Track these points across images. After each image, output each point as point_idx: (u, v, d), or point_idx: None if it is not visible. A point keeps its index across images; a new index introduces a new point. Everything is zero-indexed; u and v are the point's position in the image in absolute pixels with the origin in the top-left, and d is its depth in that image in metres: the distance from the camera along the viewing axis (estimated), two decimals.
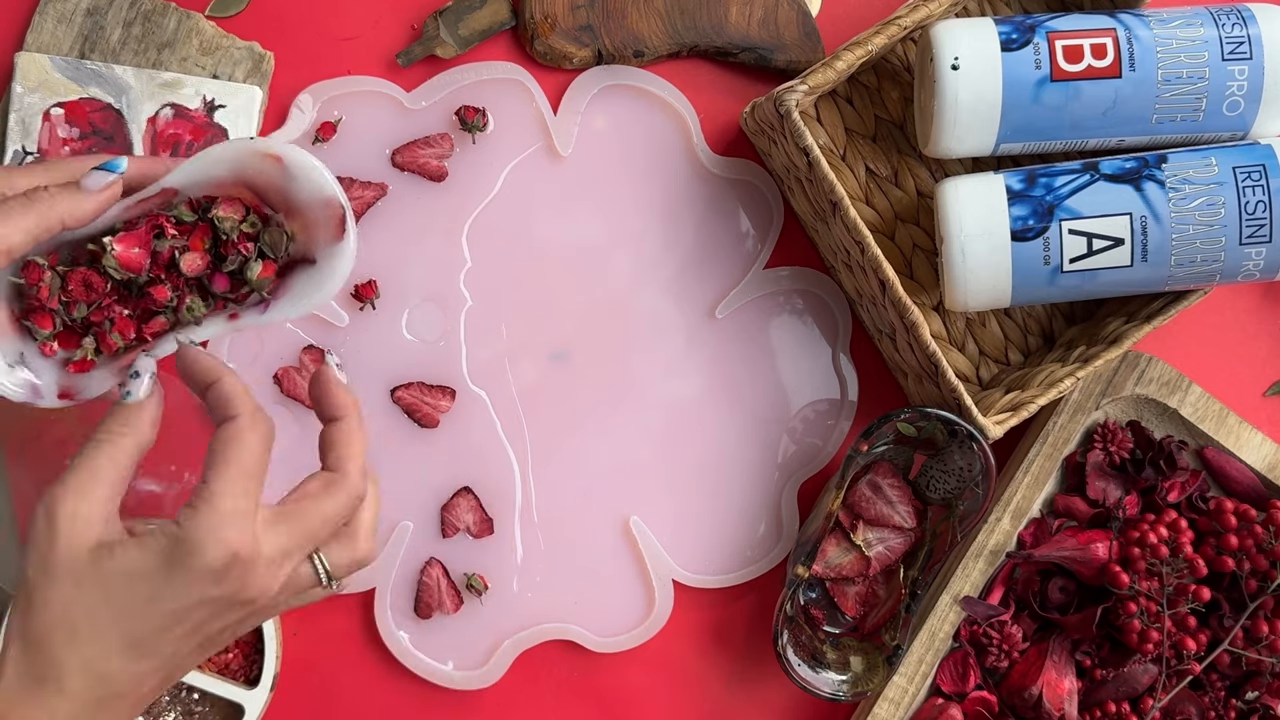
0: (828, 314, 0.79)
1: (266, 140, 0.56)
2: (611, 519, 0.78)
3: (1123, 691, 0.75)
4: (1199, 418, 0.77)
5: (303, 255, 0.58)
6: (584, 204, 0.78)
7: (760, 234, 0.79)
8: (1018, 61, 0.69)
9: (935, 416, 0.71)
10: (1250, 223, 0.68)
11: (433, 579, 0.76)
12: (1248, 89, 0.69)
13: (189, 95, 0.73)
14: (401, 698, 0.77)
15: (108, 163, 0.54)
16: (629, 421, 0.78)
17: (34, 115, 0.71)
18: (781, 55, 0.78)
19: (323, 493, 0.53)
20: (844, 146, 0.79)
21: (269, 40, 0.75)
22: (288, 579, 0.52)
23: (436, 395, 0.76)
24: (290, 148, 0.56)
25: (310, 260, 0.58)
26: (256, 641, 0.74)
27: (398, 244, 0.76)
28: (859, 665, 0.75)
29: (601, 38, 0.76)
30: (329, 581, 0.54)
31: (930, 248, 0.79)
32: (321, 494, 0.53)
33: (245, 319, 0.58)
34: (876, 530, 0.76)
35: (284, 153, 0.56)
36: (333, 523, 0.53)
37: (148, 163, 0.56)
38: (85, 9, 0.72)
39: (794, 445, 0.79)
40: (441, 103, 0.76)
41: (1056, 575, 0.77)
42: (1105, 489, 0.77)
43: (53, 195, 0.52)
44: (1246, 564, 0.74)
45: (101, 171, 0.54)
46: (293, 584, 0.53)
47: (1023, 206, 0.69)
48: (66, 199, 0.52)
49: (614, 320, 0.78)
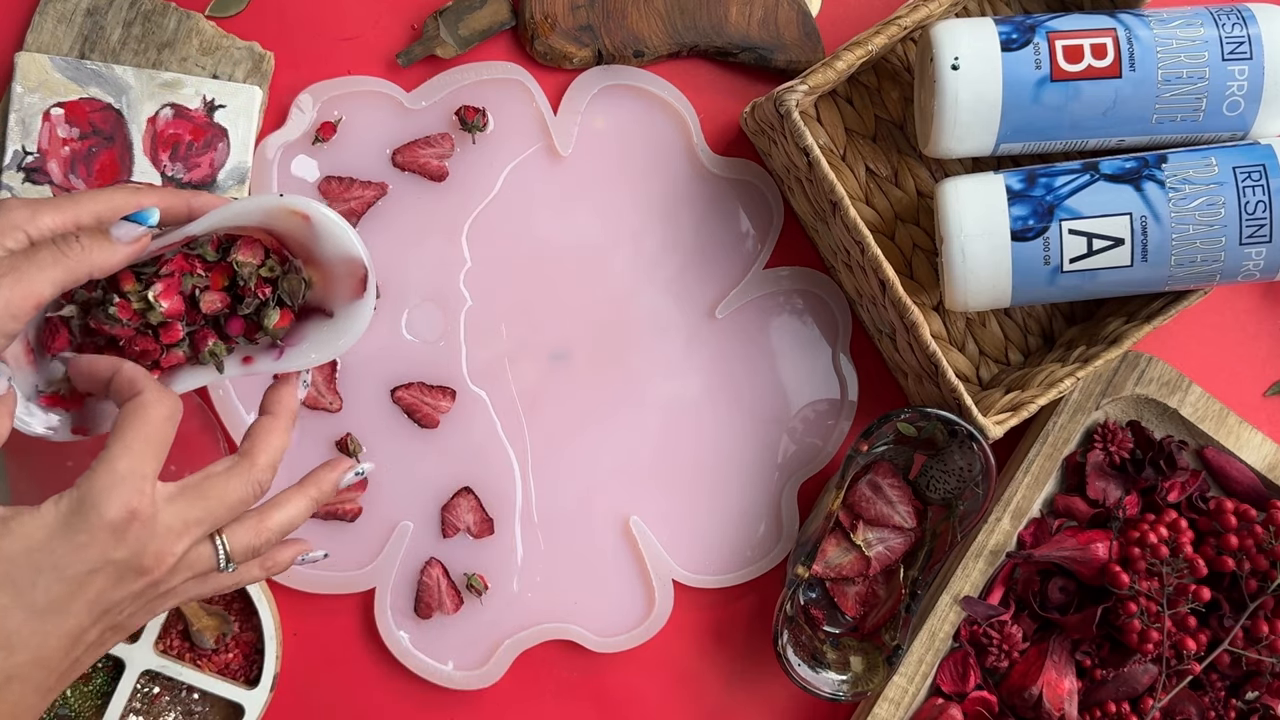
0: (828, 314, 0.79)
1: (295, 198, 0.57)
2: (611, 519, 0.78)
3: (1123, 691, 0.75)
4: (1199, 418, 0.77)
5: (320, 305, 0.59)
6: (584, 204, 0.78)
7: (760, 234, 0.79)
8: (1018, 61, 0.69)
9: (935, 416, 0.71)
10: (1250, 223, 0.68)
11: (433, 579, 0.76)
12: (1248, 89, 0.69)
13: (189, 95, 0.73)
14: (401, 698, 0.77)
15: (138, 214, 0.54)
16: (629, 421, 0.78)
17: (34, 115, 0.71)
18: (781, 55, 0.78)
19: (226, 473, 0.54)
20: (844, 146, 0.79)
21: (269, 40, 0.75)
22: (186, 555, 0.53)
23: (436, 395, 0.76)
24: (318, 207, 0.57)
25: (328, 312, 0.59)
26: (256, 641, 0.74)
27: (398, 244, 0.76)
28: (859, 665, 0.75)
29: (601, 38, 0.76)
30: (227, 564, 0.55)
31: (930, 248, 0.79)
32: (225, 474, 0.54)
33: (259, 364, 0.59)
34: (876, 530, 0.76)
35: (312, 212, 0.57)
36: (233, 505, 0.54)
37: (171, 197, 0.57)
38: (85, 9, 0.72)
39: (794, 445, 0.79)
40: (441, 103, 0.76)
41: (1056, 575, 0.77)
42: (1105, 489, 0.77)
43: (85, 248, 0.53)
44: (1246, 564, 0.74)
45: (132, 224, 0.54)
46: (192, 562, 0.54)
47: (1023, 206, 0.69)
48: (97, 251, 0.53)
49: (614, 320, 0.78)
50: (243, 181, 0.73)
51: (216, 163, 0.73)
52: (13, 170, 0.71)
